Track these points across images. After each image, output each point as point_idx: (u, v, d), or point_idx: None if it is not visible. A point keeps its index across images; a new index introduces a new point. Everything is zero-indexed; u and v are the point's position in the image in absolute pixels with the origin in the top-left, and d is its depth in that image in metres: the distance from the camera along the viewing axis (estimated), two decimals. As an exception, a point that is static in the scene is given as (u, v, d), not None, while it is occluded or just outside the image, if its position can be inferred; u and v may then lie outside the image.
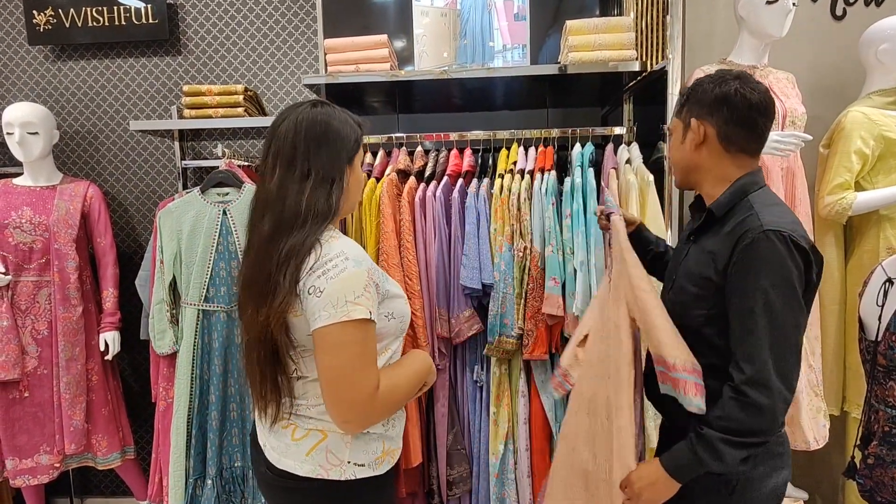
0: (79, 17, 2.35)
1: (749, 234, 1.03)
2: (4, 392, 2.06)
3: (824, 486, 2.24)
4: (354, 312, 0.96)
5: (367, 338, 0.99)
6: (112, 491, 2.62)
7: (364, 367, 0.98)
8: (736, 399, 1.02)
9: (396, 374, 1.07)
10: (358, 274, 0.98)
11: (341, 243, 1.02)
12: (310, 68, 2.40)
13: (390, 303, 1.08)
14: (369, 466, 1.08)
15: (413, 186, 1.88)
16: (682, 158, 1.19)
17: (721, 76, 1.13)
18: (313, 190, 1.02)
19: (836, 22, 2.20)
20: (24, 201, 2.11)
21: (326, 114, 1.07)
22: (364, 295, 0.98)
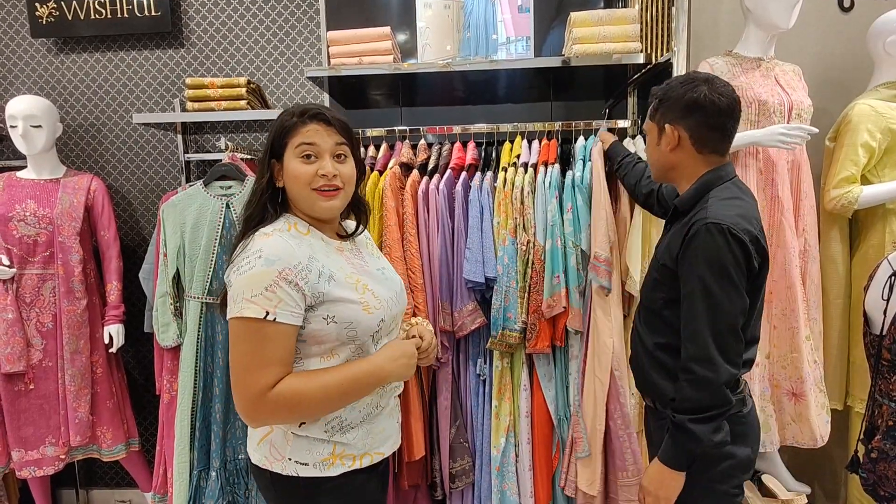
0: (81, 9, 2.34)
1: (695, 226, 1.13)
2: (10, 384, 2.07)
3: (827, 481, 2.24)
4: (247, 310, 0.97)
5: (261, 338, 0.98)
6: (117, 483, 2.64)
7: (253, 365, 0.98)
8: (687, 379, 1.13)
9: (310, 379, 1.02)
10: (264, 273, 0.98)
11: (267, 241, 1.03)
12: (312, 61, 2.39)
13: (332, 306, 1.04)
14: (315, 467, 1.07)
15: (416, 180, 1.87)
16: (659, 159, 1.27)
17: (690, 80, 1.20)
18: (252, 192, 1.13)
19: (843, 13, 2.18)
20: (28, 194, 2.11)
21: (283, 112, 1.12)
22: (263, 295, 0.97)
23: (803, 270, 1.90)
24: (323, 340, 1.06)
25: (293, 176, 1.08)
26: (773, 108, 1.83)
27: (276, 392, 0.98)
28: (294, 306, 1.00)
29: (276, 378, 0.99)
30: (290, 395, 0.99)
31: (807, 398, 1.80)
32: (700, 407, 1.12)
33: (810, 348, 1.84)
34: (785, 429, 1.86)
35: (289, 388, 0.99)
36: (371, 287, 1.12)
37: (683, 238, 1.15)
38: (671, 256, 1.19)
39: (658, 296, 1.24)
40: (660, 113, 1.23)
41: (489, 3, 2.13)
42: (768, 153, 1.85)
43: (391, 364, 1.10)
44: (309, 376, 1.03)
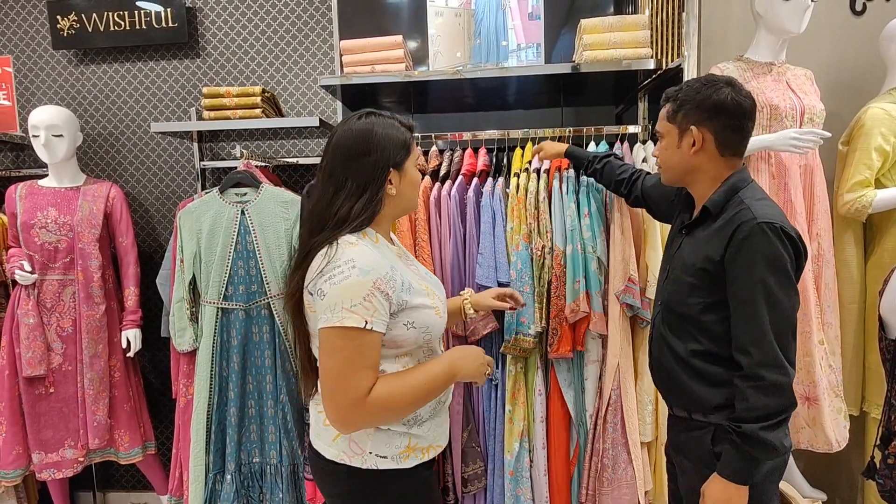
0: (101, 21, 2.41)
1: (744, 226, 1.11)
2: (31, 388, 2.12)
3: (843, 487, 2.22)
4: (347, 320, 1.00)
5: (361, 346, 1.01)
6: (133, 485, 2.68)
7: (352, 372, 1.01)
8: (755, 386, 1.09)
9: (402, 383, 1.07)
10: (360, 283, 1.01)
11: (356, 250, 1.04)
12: (325, 69, 2.42)
13: (412, 312, 1.09)
14: (393, 459, 1.11)
15: (428, 186, 1.89)
16: (680, 162, 1.25)
17: (712, 82, 1.20)
18: (345, 199, 1.09)
19: (855, 17, 2.17)
20: (50, 202, 2.16)
21: (368, 124, 1.11)
22: (362, 304, 1.00)
23: (817, 275, 1.89)
24: (401, 345, 1.10)
25: (415, 183, 1.18)
26: (784, 112, 1.83)
27: (372, 396, 1.02)
28: (384, 315, 1.04)
29: (371, 383, 1.03)
30: (385, 398, 1.04)
31: (820, 403, 1.79)
32: (771, 413, 1.09)
33: (824, 353, 1.83)
34: (799, 433, 1.85)
35: (384, 392, 1.04)
36: (435, 291, 1.18)
37: (729, 240, 1.13)
38: (711, 259, 1.16)
39: (695, 301, 1.20)
40: (681, 114, 1.22)
41: (500, 10, 2.16)
42: (780, 157, 1.85)
43: (461, 362, 1.14)
44: (397, 379, 1.08)
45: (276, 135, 2.47)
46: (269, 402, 1.97)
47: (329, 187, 1.10)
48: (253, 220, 1.95)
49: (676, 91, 1.25)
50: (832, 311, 1.90)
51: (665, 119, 1.26)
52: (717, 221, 1.19)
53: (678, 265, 1.26)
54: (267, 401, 1.97)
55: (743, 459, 1.11)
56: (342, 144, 1.10)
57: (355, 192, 1.09)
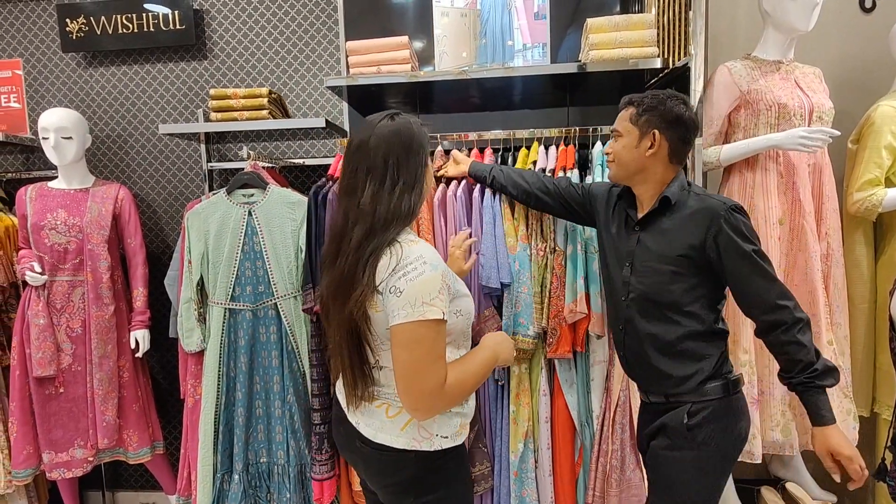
0: (109, 24, 2.43)
1: (719, 211, 1.27)
2: (41, 388, 2.14)
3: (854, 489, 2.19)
4: (429, 313, 1.06)
5: (438, 336, 1.08)
6: (142, 485, 2.70)
7: (433, 362, 1.08)
8: (801, 329, 1.23)
9: (464, 369, 1.15)
10: (434, 277, 1.07)
11: (421, 247, 1.11)
12: (331, 70, 2.43)
13: (459, 301, 1.18)
14: (451, 438, 1.21)
15: (433, 186, 1.89)
16: (633, 161, 1.37)
17: (675, 96, 1.36)
18: (401, 196, 1.14)
19: (865, 14, 2.16)
20: (59, 203, 2.18)
21: (407, 123, 1.17)
22: (438, 297, 1.07)
23: (826, 274, 1.87)
24: (452, 332, 1.18)
25: (432, 178, 1.27)
26: (793, 111, 1.82)
27: (448, 384, 1.10)
28: (448, 305, 1.11)
29: (446, 371, 1.10)
30: (458, 384, 1.12)
31: (831, 404, 1.77)
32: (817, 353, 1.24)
33: (833, 353, 1.81)
34: (807, 433, 1.83)
35: (456, 379, 1.12)
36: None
37: (707, 226, 1.27)
38: (692, 246, 1.29)
39: (679, 287, 1.31)
40: (645, 119, 1.34)
41: (505, 10, 2.15)
42: (789, 156, 1.83)
43: (500, 347, 1.25)
44: (461, 365, 1.16)
45: (283, 136, 2.48)
46: (277, 402, 1.98)
47: (380, 184, 1.13)
48: (260, 221, 1.96)
49: (642, 97, 1.37)
50: (841, 311, 1.88)
51: (628, 120, 1.37)
52: (682, 212, 1.32)
53: (646, 257, 1.36)
54: (274, 401, 1.98)
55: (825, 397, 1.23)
56: (392, 142, 1.14)
57: (406, 187, 1.14)
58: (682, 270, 1.30)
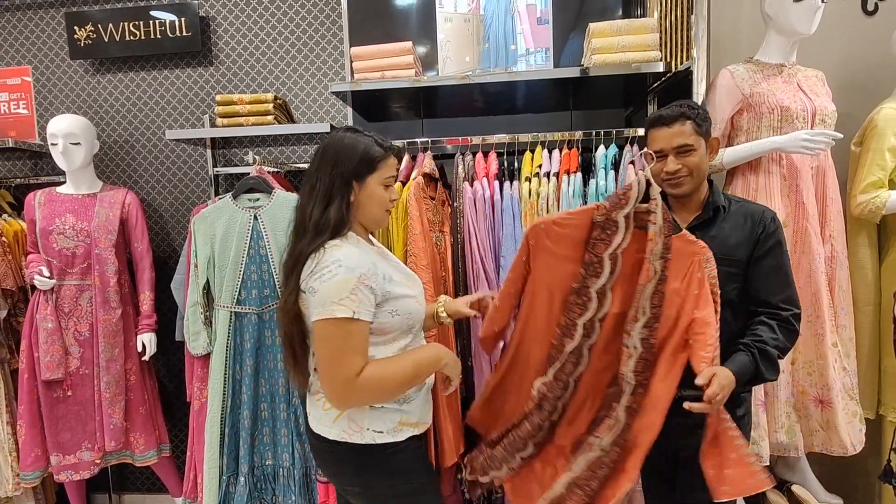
0: (117, 31, 2.45)
1: (766, 216, 1.40)
2: (49, 391, 2.16)
3: (860, 492, 2.19)
4: (338, 311, 1.13)
5: (350, 333, 1.15)
6: (148, 488, 2.71)
7: (346, 356, 1.15)
8: (787, 328, 1.35)
9: (387, 365, 1.21)
10: (347, 279, 1.15)
11: (341, 252, 1.18)
12: (336, 76, 2.45)
13: (395, 302, 1.23)
14: (388, 433, 1.26)
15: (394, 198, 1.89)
16: (705, 170, 1.44)
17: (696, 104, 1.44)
18: (315, 205, 1.23)
19: (867, 17, 2.16)
20: (67, 208, 2.20)
21: (339, 138, 1.25)
22: (350, 297, 1.14)
23: (830, 277, 1.87)
24: (387, 331, 1.24)
25: (378, 200, 1.28)
26: (795, 113, 1.82)
27: (362, 377, 1.16)
28: (369, 305, 1.18)
29: (361, 366, 1.17)
30: (375, 379, 1.18)
31: (834, 405, 1.77)
32: (786, 349, 1.36)
33: (837, 355, 1.81)
34: (812, 435, 1.83)
35: (372, 374, 1.17)
36: (416, 282, 1.34)
37: (757, 229, 1.39)
38: (746, 248, 1.39)
39: (732, 287, 1.39)
40: (706, 128, 1.43)
41: (508, 15, 2.17)
42: (792, 159, 1.84)
43: (449, 355, 1.31)
44: (386, 363, 1.22)
45: (288, 141, 2.50)
46: (282, 405, 1.99)
47: (307, 193, 1.26)
48: (265, 225, 1.98)
49: (691, 108, 1.42)
50: (846, 313, 1.88)
51: (694, 133, 1.41)
52: (728, 216, 1.42)
53: None
54: (280, 404, 1.99)
55: (749, 370, 1.31)
56: (317, 155, 1.26)
57: (322, 199, 1.23)
58: (735, 271, 1.38)
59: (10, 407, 2.23)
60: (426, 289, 1.76)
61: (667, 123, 1.41)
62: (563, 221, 1.37)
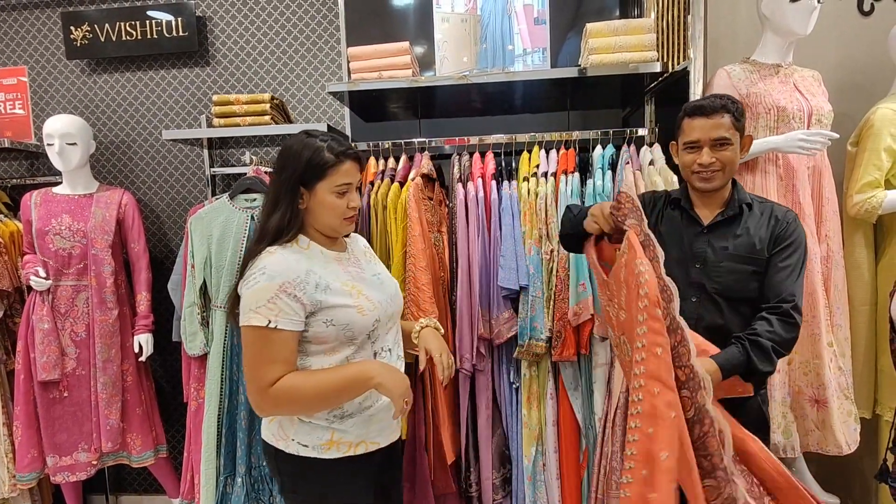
0: (113, 31, 2.45)
1: (788, 214, 1.41)
2: (45, 392, 2.15)
3: (856, 491, 2.19)
4: (253, 319, 1.14)
5: (266, 342, 1.14)
6: (145, 489, 2.70)
7: (259, 364, 1.15)
8: (784, 321, 1.32)
9: (307, 378, 1.17)
10: (266, 287, 1.14)
11: (270, 259, 1.18)
12: (333, 76, 2.45)
13: (330, 311, 1.19)
14: (314, 449, 1.22)
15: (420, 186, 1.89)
16: (737, 164, 1.42)
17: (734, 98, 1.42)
18: (270, 214, 1.23)
19: (863, 18, 2.17)
20: (64, 209, 2.20)
21: (291, 142, 1.23)
22: (266, 306, 1.13)
23: (826, 276, 1.88)
24: (324, 340, 1.21)
25: (329, 208, 1.23)
26: (792, 114, 1.83)
27: (277, 387, 1.15)
28: (293, 314, 1.16)
29: (279, 375, 1.15)
30: (288, 390, 1.15)
31: (829, 405, 1.78)
32: (785, 342, 1.32)
33: (833, 355, 1.82)
34: (808, 435, 1.83)
35: (288, 384, 1.15)
36: (365, 292, 1.26)
37: (776, 226, 1.39)
38: (765, 245, 1.38)
39: (754, 285, 1.38)
40: (743, 122, 1.41)
41: (505, 15, 2.17)
42: (788, 159, 1.84)
43: (383, 371, 1.19)
44: (307, 375, 1.19)
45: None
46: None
47: (265, 198, 1.26)
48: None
49: (732, 101, 1.40)
50: (842, 312, 1.89)
51: (732, 127, 1.38)
52: (752, 213, 1.42)
53: (721, 257, 1.40)
54: (277, 404, 1.99)
55: (740, 362, 1.28)
56: (277, 160, 1.25)
57: (270, 205, 1.23)
58: (757, 269, 1.38)
59: (6, 408, 2.22)
60: (423, 290, 1.76)
61: (706, 114, 1.38)
62: None
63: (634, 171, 1.83)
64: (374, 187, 1.92)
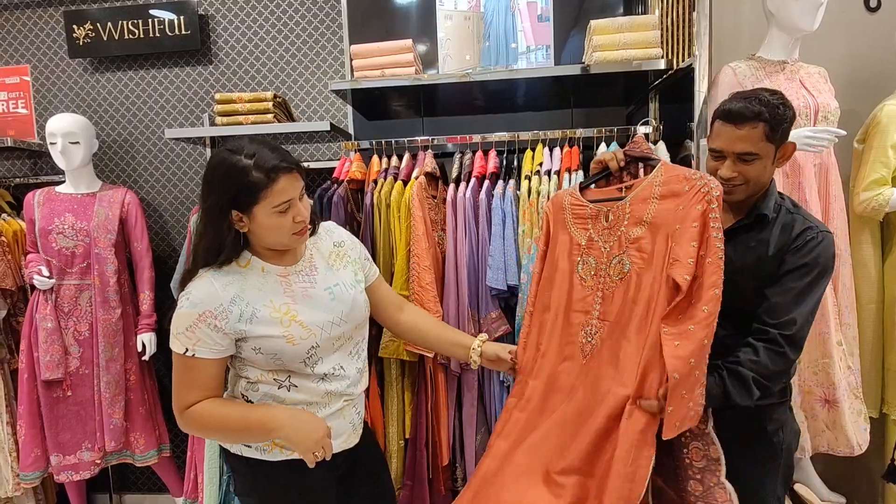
0: (115, 30, 2.44)
1: (810, 231, 1.25)
2: (49, 391, 2.15)
3: (863, 491, 2.18)
4: (174, 344, 1.15)
5: (185, 367, 1.15)
6: (149, 488, 2.71)
7: (179, 387, 1.17)
8: (773, 350, 1.20)
9: (219, 409, 1.16)
10: (186, 314, 1.13)
11: (197, 283, 1.15)
12: (336, 74, 2.44)
13: (256, 341, 1.16)
14: (257, 450, 1.22)
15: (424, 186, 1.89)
16: (768, 177, 1.31)
17: (780, 94, 1.29)
18: (198, 233, 1.16)
19: (870, 14, 2.15)
20: (67, 208, 2.20)
21: (215, 164, 1.12)
22: (184, 333, 1.13)
23: (834, 275, 1.86)
24: (256, 364, 1.20)
25: (273, 228, 1.14)
26: (798, 110, 1.80)
27: (190, 412, 1.16)
28: (213, 344, 1.14)
29: (195, 400, 1.16)
30: (198, 418, 1.16)
31: (840, 405, 1.76)
32: (770, 375, 1.21)
33: (842, 354, 1.80)
34: (819, 436, 1.82)
35: (199, 412, 1.16)
36: (301, 317, 1.18)
37: (790, 240, 1.26)
38: (772, 262, 1.27)
39: (757, 300, 1.28)
40: (781, 133, 1.27)
41: (509, 13, 2.16)
42: (795, 156, 1.82)
43: (291, 427, 1.14)
44: (218, 406, 1.17)
45: (288, 139, 2.49)
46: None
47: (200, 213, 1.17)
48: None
49: (767, 107, 1.24)
50: (850, 311, 1.87)
51: (764, 139, 1.25)
52: (772, 228, 1.28)
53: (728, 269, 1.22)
54: (280, 403, 1.98)
55: (716, 392, 1.18)
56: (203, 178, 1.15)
57: (201, 229, 1.15)
58: (763, 285, 1.27)
59: (9, 407, 2.23)
60: (427, 290, 1.75)
61: (735, 122, 1.25)
62: None
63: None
64: (378, 186, 1.91)
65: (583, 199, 1.40)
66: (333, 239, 1.34)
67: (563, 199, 1.43)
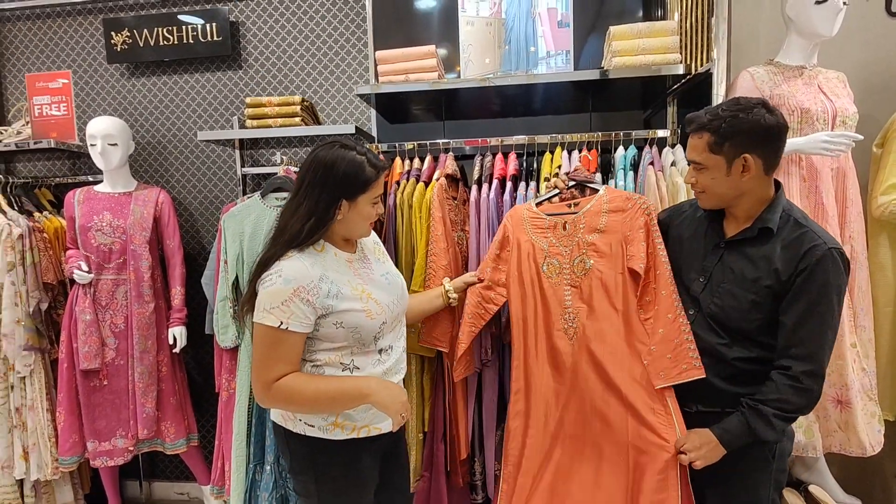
0: (151, 36, 2.55)
1: (816, 249, 1.21)
2: (86, 380, 2.26)
3: (877, 493, 2.17)
4: (266, 319, 1.21)
5: (275, 341, 1.21)
6: (177, 476, 2.81)
7: (266, 361, 1.22)
8: (793, 386, 1.22)
9: (308, 382, 1.25)
10: (280, 290, 1.20)
11: (287, 262, 1.24)
12: (360, 78, 2.52)
13: (340, 315, 1.26)
14: (320, 429, 1.31)
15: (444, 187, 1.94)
16: (730, 188, 1.28)
17: (748, 107, 1.24)
18: (298, 219, 1.26)
19: (891, 19, 2.15)
20: (105, 206, 2.31)
21: (335, 156, 1.26)
22: (279, 308, 1.20)
23: (850, 278, 1.87)
24: (333, 340, 1.29)
25: (366, 217, 1.32)
26: (816, 115, 1.82)
27: (279, 385, 1.22)
28: (303, 318, 1.23)
29: (282, 374, 1.23)
30: (288, 389, 1.23)
31: (853, 406, 1.77)
32: (792, 409, 1.24)
33: (856, 356, 1.81)
34: (831, 436, 1.83)
35: (289, 384, 1.23)
36: (374, 295, 1.33)
37: (799, 260, 1.21)
38: (779, 278, 1.23)
39: (755, 317, 1.27)
40: (729, 145, 1.24)
41: (529, 18, 2.21)
42: (812, 160, 1.84)
43: (380, 389, 1.27)
44: (308, 379, 1.26)
45: (314, 142, 2.56)
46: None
47: (292, 202, 1.28)
48: (292, 223, 2.04)
49: (711, 120, 1.25)
50: (866, 313, 1.88)
51: (707, 150, 1.26)
52: (777, 240, 1.26)
53: (727, 279, 1.31)
54: (305, 396, 2.05)
55: (742, 431, 1.24)
56: (309, 168, 1.27)
57: (305, 214, 1.26)
58: (762, 301, 1.25)
59: (50, 395, 2.34)
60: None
61: (689, 129, 1.30)
62: None
63: (657, 171, 1.85)
64: (400, 187, 1.97)
65: (540, 212, 1.65)
66: (370, 239, 1.49)
67: (521, 213, 1.68)
